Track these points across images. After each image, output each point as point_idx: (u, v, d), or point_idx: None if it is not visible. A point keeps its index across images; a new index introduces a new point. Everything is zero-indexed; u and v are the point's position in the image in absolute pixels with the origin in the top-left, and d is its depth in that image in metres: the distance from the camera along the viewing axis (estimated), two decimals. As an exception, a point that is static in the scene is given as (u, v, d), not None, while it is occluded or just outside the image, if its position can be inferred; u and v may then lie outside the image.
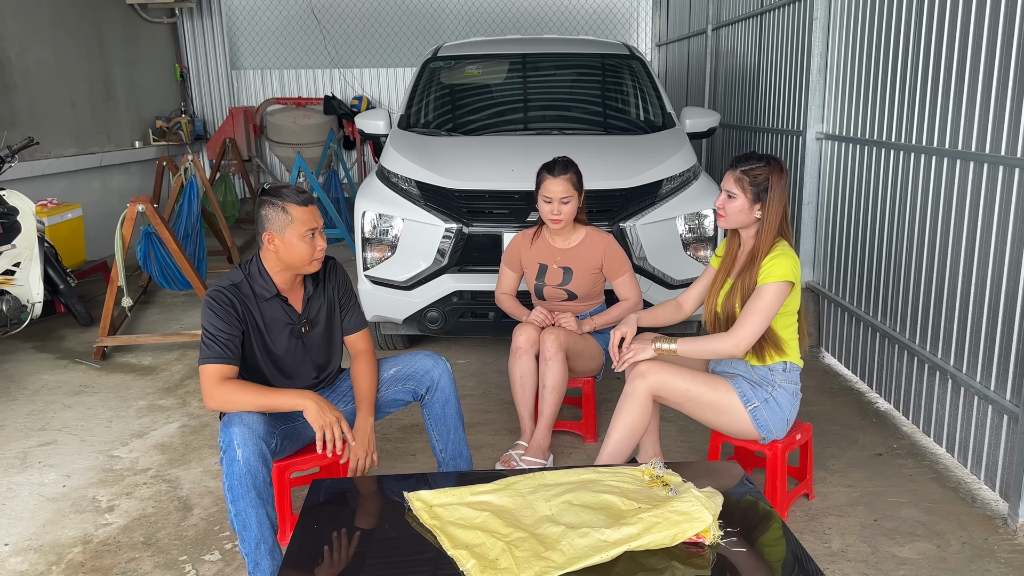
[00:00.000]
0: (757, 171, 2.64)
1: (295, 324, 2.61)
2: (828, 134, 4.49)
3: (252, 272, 2.55)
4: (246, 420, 2.32)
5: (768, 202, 2.64)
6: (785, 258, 2.61)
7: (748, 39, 5.91)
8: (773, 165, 2.65)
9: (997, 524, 2.83)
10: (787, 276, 2.59)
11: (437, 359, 2.77)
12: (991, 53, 2.98)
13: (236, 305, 2.48)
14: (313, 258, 2.52)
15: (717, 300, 2.78)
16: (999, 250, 2.94)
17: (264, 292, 2.54)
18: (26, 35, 6.79)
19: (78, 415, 3.93)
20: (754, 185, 2.64)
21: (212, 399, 2.40)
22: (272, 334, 2.58)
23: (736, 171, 2.67)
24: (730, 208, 2.69)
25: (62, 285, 5.19)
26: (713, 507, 1.96)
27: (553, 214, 3.29)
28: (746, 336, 2.61)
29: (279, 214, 2.46)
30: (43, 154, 6.79)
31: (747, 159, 2.68)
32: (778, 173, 2.64)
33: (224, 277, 2.55)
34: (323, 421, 2.38)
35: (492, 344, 4.81)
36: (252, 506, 2.28)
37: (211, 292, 2.49)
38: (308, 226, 2.48)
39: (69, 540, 2.83)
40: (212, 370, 2.40)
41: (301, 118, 9.45)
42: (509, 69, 5.23)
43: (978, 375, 3.09)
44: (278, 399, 2.41)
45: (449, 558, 1.86)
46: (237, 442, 2.28)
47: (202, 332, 2.46)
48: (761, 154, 2.69)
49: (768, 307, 2.60)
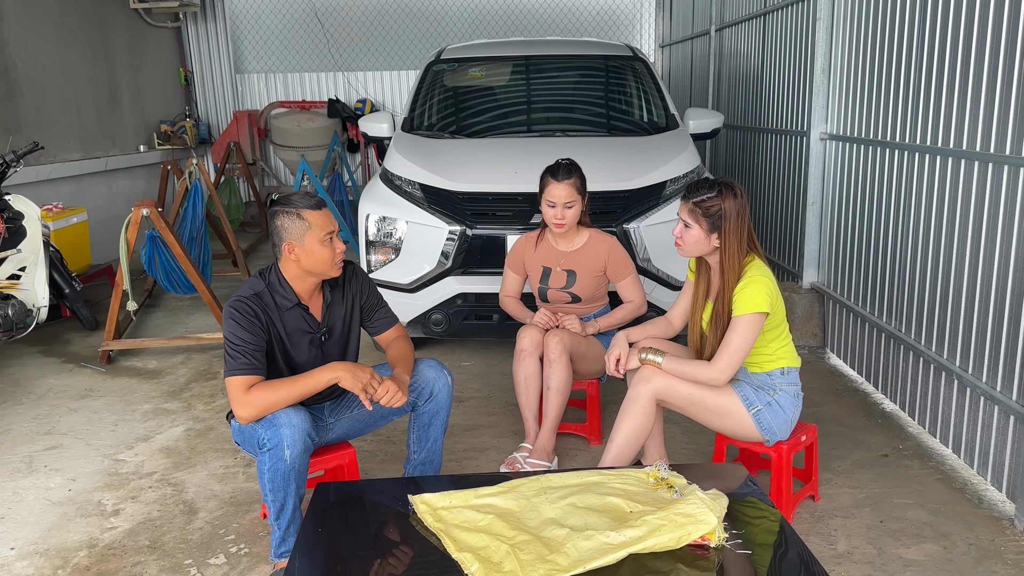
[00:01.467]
0: (709, 203, 2.61)
1: (315, 333, 2.61)
2: (832, 134, 4.48)
3: (272, 282, 2.54)
4: (294, 420, 2.34)
5: (725, 231, 2.62)
6: (756, 285, 2.59)
7: (752, 40, 5.90)
8: (725, 193, 2.62)
9: (1004, 525, 2.82)
10: (760, 307, 2.58)
11: (441, 371, 2.75)
12: (995, 52, 2.97)
13: (259, 315, 2.47)
14: (335, 262, 2.52)
15: (702, 323, 2.79)
16: (1005, 250, 2.93)
17: (285, 302, 2.53)
18: (31, 40, 6.81)
19: (83, 419, 3.93)
20: (708, 216, 2.62)
21: (245, 409, 2.37)
22: (293, 343, 2.58)
23: (688, 203, 2.65)
24: (687, 237, 2.67)
25: (67, 289, 5.20)
26: (718, 509, 1.96)
27: (556, 218, 3.29)
28: (724, 369, 2.61)
29: (296, 222, 2.45)
30: (48, 159, 6.81)
31: (698, 189, 2.65)
32: (732, 200, 2.61)
33: (244, 287, 2.53)
34: (360, 383, 2.41)
35: (496, 346, 4.81)
36: (291, 495, 2.40)
37: (233, 303, 2.47)
38: (326, 230, 2.48)
39: (74, 544, 2.83)
40: (239, 382, 2.39)
41: (305, 121, 9.47)
42: (512, 71, 5.23)
43: (984, 376, 3.07)
44: (311, 383, 2.41)
45: (454, 561, 1.86)
46: (287, 443, 2.32)
47: (226, 344, 2.44)
48: (713, 181, 2.66)
49: (743, 340, 2.59)
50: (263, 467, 2.36)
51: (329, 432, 2.71)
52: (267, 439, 2.33)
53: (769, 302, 2.60)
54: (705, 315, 2.77)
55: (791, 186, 5.09)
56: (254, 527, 2.90)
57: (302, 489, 2.44)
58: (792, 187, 5.07)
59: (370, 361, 2.81)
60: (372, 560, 1.91)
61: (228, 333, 2.44)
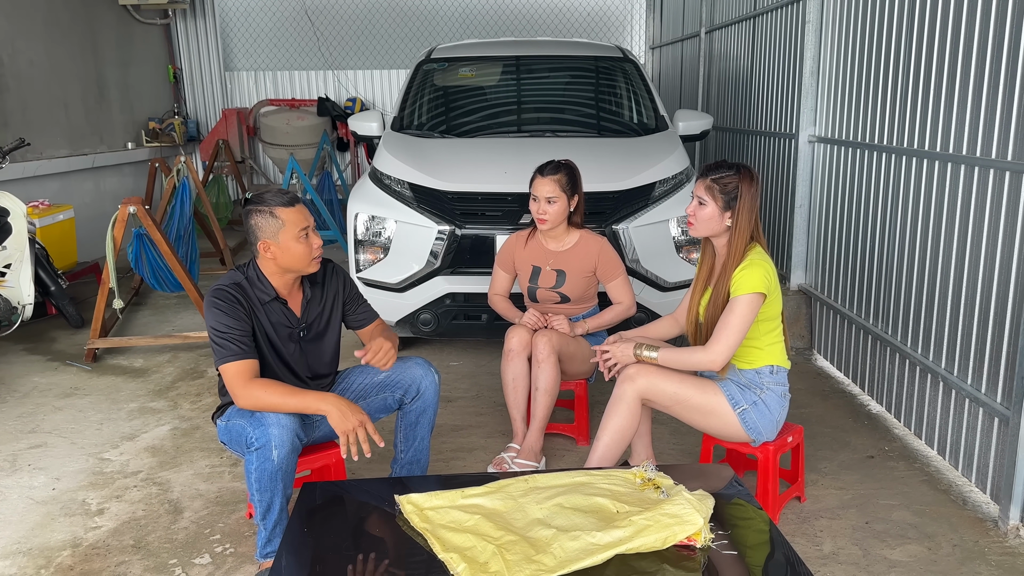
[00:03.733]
0: (727, 179, 2.64)
1: (294, 328, 2.61)
2: (821, 137, 4.50)
3: (251, 276, 2.53)
4: (283, 420, 2.34)
5: (738, 210, 2.64)
6: (756, 268, 2.61)
7: (741, 42, 5.92)
8: (743, 173, 2.65)
9: (988, 526, 2.84)
10: (757, 287, 2.59)
11: (428, 369, 2.75)
12: (982, 56, 2.99)
13: (242, 302, 2.47)
14: (312, 257, 2.51)
15: (699, 309, 2.79)
16: (990, 253, 2.95)
17: (263, 295, 2.52)
18: (19, 36, 6.76)
19: (68, 417, 3.91)
20: (724, 193, 2.64)
21: (242, 398, 2.38)
22: (275, 337, 2.57)
23: (707, 179, 2.67)
24: (700, 215, 2.69)
25: (53, 287, 5.16)
26: (704, 510, 1.96)
27: (539, 213, 3.30)
28: (721, 351, 2.61)
29: (269, 220, 2.44)
30: (35, 155, 6.76)
31: (717, 167, 2.68)
32: (748, 181, 2.64)
33: (223, 278, 2.52)
34: (346, 427, 2.36)
35: (485, 346, 4.81)
36: (278, 495, 2.38)
37: (214, 291, 2.46)
38: (300, 226, 2.46)
39: (58, 543, 2.81)
40: (234, 368, 2.38)
41: (295, 119, 9.44)
42: (503, 71, 5.23)
43: (969, 378, 3.10)
44: (302, 402, 2.39)
45: (440, 561, 1.85)
46: (275, 443, 2.31)
47: (211, 333, 2.43)
48: (731, 162, 2.70)
49: (741, 321, 2.60)
50: (250, 466, 2.35)
51: (316, 430, 2.70)
52: (255, 438, 2.32)
53: (767, 284, 2.61)
54: (704, 300, 2.77)
55: (779, 188, 5.11)
56: (240, 527, 2.89)
57: (289, 489, 2.43)
58: (780, 189, 5.09)
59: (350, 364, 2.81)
60: (358, 561, 1.91)
61: (213, 321, 2.42)
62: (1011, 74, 2.81)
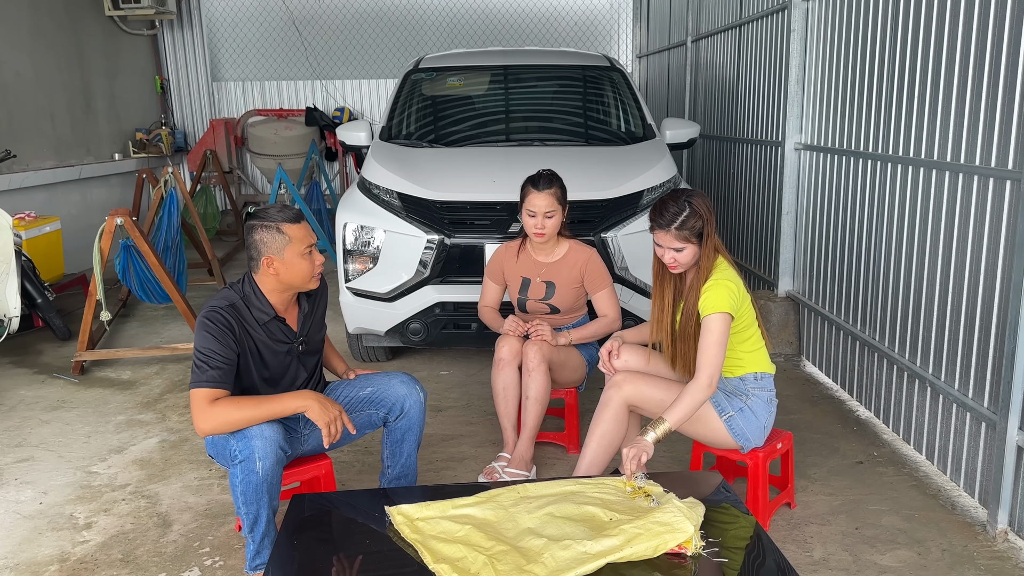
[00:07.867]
0: (690, 220, 2.63)
1: (292, 343, 2.60)
2: (806, 144, 4.53)
3: (247, 294, 2.51)
4: (266, 433, 2.33)
5: (707, 236, 2.66)
6: (719, 288, 2.61)
7: (727, 51, 5.96)
8: (695, 202, 2.64)
9: (976, 531, 2.86)
10: (722, 307, 2.59)
11: (412, 387, 2.74)
12: (965, 64, 3.02)
13: (233, 327, 2.44)
14: (314, 274, 2.51)
15: (676, 320, 2.80)
16: (975, 258, 2.98)
17: (262, 315, 2.51)
18: (4, 47, 6.73)
19: (56, 431, 3.88)
20: (694, 233, 2.64)
21: (205, 422, 2.33)
22: (267, 355, 2.56)
23: (670, 230, 2.63)
24: (683, 259, 2.68)
25: (40, 299, 5.13)
26: (695, 517, 1.97)
27: (537, 228, 3.30)
28: (708, 374, 2.59)
29: (275, 236, 2.43)
30: (21, 167, 6.72)
31: (672, 214, 2.63)
32: (703, 207, 2.65)
33: (218, 296, 2.49)
34: (328, 417, 2.41)
35: (475, 355, 4.80)
36: (264, 508, 2.38)
37: (207, 313, 2.43)
38: (306, 243, 2.47)
39: (46, 558, 2.79)
40: (203, 394, 2.35)
41: (283, 129, 9.42)
42: (490, 81, 5.24)
43: (956, 383, 3.12)
44: (278, 406, 2.39)
45: (431, 572, 1.85)
46: (259, 455, 2.30)
47: (195, 354, 2.41)
48: (676, 198, 2.66)
49: (718, 339, 2.60)
50: (235, 479, 2.33)
51: (304, 443, 2.69)
52: (239, 451, 2.31)
53: (731, 303, 2.61)
54: (678, 316, 2.79)
55: (766, 195, 5.14)
56: (229, 539, 2.87)
57: (275, 501, 2.42)
58: (767, 196, 5.12)
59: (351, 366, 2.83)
60: (348, 573, 1.90)
61: (199, 344, 2.41)
62: (994, 82, 2.84)
